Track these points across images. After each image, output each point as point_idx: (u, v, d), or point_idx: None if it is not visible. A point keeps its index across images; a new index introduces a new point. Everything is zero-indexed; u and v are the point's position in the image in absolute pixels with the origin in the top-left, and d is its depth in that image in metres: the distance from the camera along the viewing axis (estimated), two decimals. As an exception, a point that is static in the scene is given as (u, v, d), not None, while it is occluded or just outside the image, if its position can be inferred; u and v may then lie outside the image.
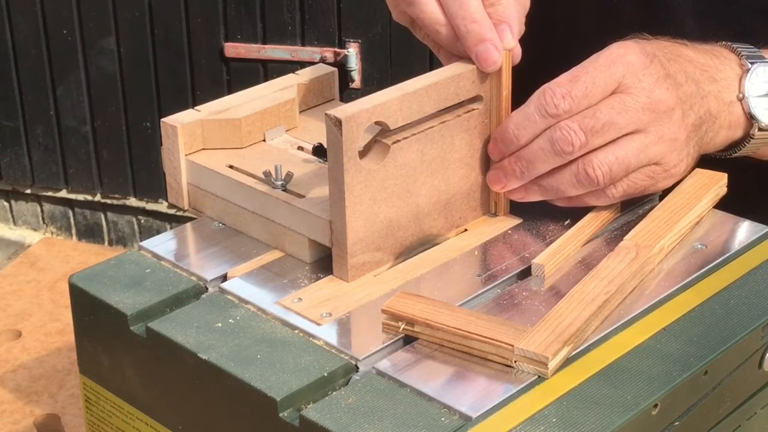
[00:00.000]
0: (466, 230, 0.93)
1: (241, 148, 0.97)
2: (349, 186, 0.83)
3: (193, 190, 0.96)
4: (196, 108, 0.97)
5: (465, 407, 0.73)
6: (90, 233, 3.22)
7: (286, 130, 1.00)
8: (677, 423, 0.78)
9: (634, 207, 0.96)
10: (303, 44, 2.77)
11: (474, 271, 0.87)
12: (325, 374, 0.76)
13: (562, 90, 0.86)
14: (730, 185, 0.96)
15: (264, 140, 0.99)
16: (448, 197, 0.91)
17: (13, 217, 3.30)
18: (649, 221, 0.90)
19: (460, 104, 0.90)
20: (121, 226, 3.17)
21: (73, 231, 3.24)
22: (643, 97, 0.87)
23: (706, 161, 0.97)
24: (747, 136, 0.96)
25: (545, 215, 0.94)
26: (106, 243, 3.20)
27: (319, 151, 0.96)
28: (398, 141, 0.86)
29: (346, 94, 2.76)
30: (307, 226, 0.88)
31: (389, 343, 0.79)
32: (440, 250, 0.90)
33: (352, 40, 2.73)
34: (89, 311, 0.87)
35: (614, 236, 0.92)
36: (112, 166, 3.05)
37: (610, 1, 1.12)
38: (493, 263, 0.88)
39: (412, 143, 0.87)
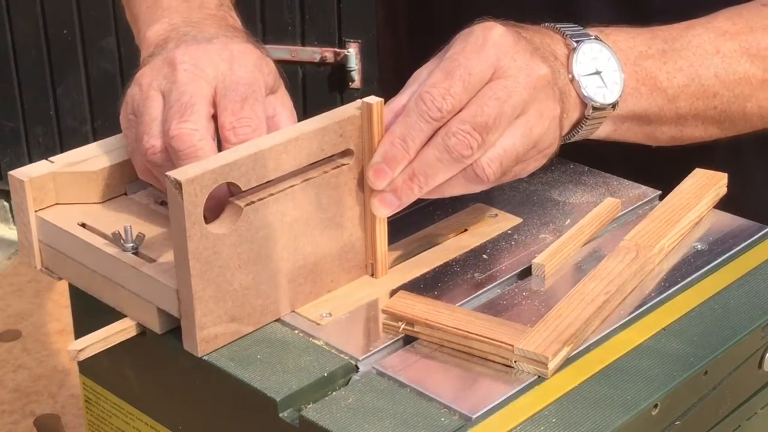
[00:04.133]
0: (466, 230, 0.93)
1: (100, 202, 0.89)
2: (194, 254, 0.75)
3: (45, 248, 0.87)
4: (49, 159, 0.89)
5: (465, 407, 0.73)
6: (90, 233, 3.22)
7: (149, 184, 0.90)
8: (677, 423, 0.78)
9: (634, 207, 0.96)
10: (303, 44, 2.77)
11: (474, 271, 0.87)
12: (325, 374, 0.76)
13: (440, 90, 0.80)
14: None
15: (126, 194, 0.91)
16: (315, 260, 0.83)
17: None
18: (649, 221, 0.90)
19: (329, 159, 0.83)
20: (121, 226, 3.17)
21: (73, 231, 3.24)
22: (522, 77, 0.82)
23: (705, 160, 0.97)
24: (583, 118, 0.91)
25: (545, 215, 0.94)
26: (106, 243, 3.19)
27: None
28: (252, 203, 0.78)
29: (347, 94, 2.76)
30: (155, 294, 0.79)
31: (389, 343, 0.79)
32: (440, 250, 0.90)
33: (352, 40, 2.73)
34: (89, 311, 0.87)
35: (614, 236, 0.92)
36: (112, 166, 3.05)
37: None
38: (493, 263, 0.88)
39: (270, 204, 0.79)
